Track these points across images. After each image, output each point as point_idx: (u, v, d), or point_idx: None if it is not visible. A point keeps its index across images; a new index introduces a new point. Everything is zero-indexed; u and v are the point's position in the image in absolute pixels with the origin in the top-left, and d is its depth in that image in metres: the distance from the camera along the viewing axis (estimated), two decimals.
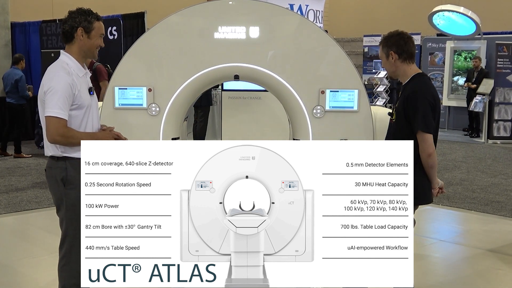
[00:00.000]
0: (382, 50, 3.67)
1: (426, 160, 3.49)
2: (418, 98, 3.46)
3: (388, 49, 3.62)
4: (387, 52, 3.63)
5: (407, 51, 3.59)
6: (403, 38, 3.62)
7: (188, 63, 4.57)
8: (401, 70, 3.62)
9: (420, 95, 3.47)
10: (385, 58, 3.66)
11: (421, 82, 3.57)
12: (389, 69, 3.69)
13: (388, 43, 3.63)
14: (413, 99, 3.47)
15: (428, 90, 3.53)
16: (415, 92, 3.49)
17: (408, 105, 3.49)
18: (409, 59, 3.60)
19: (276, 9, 4.66)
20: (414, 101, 3.47)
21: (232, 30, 4.56)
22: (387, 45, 3.64)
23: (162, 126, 4.58)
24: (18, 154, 10.38)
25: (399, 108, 3.58)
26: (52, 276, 3.80)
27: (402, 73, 3.63)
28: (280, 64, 4.57)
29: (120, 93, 4.57)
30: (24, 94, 10.24)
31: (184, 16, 4.61)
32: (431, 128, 3.46)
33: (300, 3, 10.43)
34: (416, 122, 3.45)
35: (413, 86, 3.54)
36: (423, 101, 3.46)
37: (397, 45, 3.59)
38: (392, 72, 3.68)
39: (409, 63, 3.61)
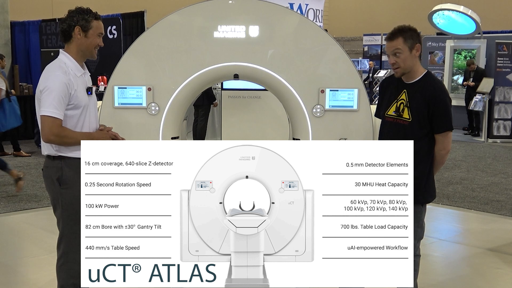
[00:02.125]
0: (405, 43, 3.40)
1: (444, 156, 3.51)
2: (446, 98, 3.42)
3: (415, 42, 3.42)
4: (413, 45, 3.41)
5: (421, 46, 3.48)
6: (419, 33, 3.50)
7: (187, 62, 4.57)
8: (416, 66, 3.47)
9: (446, 95, 3.43)
10: (408, 52, 3.41)
11: (440, 81, 3.54)
12: (409, 63, 3.43)
13: (413, 36, 3.42)
14: (442, 100, 3.39)
15: (446, 89, 3.52)
16: (441, 92, 3.42)
17: (436, 105, 3.38)
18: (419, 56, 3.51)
19: (275, 8, 4.66)
20: (443, 101, 3.40)
21: (231, 29, 4.56)
22: (412, 38, 3.42)
23: (161, 125, 4.58)
24: (18, 152, 10.40)
25: (418, 107, 3.42)
26: (51, 276, 3.80)
27: (415, 70, 3.47)
28: (279, 63, 4.57)
29: (120, 92, 4.57)
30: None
31: (183, 15, 4.60)
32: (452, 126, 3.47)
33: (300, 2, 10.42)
34: (446, 122, 3.41)
35: (436, 86, 3.43)
36: (448, 100, 3.44)
37: (419, 39, 3.45)
38: (409, 67, 3.44)
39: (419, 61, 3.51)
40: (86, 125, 3.40)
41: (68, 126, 3.30)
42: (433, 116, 3.41)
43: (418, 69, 3.48)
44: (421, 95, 3.42)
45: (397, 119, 3.53)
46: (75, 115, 3.33)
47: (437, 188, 8.16)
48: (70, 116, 3.30)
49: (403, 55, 3.41)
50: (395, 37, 3.42)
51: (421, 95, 3.42)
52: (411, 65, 3.44)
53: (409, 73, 3.47)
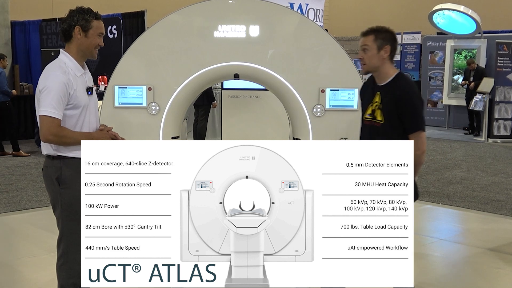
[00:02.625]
0: (375, 42, 3.47)
1: (420, 157, 3.48)
2: (414, 98, 3.43)
3: (384, 42, 3.47)
4: (382, 45, 3.47)
5: (396, 49, 3.53)
6: (394, 35, 3.55)
7: (188, 62, 4.57)
8: (385, 67, 3.51)
9: (415, 95, 3.45)
10: (376, 50, 3.47)
11: (410, 82, 3.55)
12: (374, 62, 3.49)
13: (384, 37, 3.48)
14: (409, 100, 3.42)
15: (417, 89, 3.53)
16: (409, 92, 3.44)
17: (405, 106, 3.41)
18: (393, 58, 3.55)
19: (276, 8, 4.66)
20: (411, 101, 3.42)
21: (232, 29, 4.56)
22: (383, 38, 3.47)
23: (162, 125, 4.59)
24: (17, 152, 10.41)
25: (389, 109, 3.47)
26: (51, 275, 3.80)
27: (385, 71, 3.51)
28: (280, 63, 4.57)
29: (120, 92, 4.57)
30: (4, 90, 10.19)
31: (184, 15, 4.61)
32: (424, 126, 3.49)
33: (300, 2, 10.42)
34: (416, 122, 3.43)
35: (404, 86, 3.46)
36: (418, 100, 3.45)
37: (392, 40, 3.50)
38: (373, 67, 3.51)
39: (392, 62, 3.55)
40: (86, 125, 3.39)
41: (68, 126, 3.30)
42: (403, 117, 3.43)
43: (389, 71, 3.51)
44: (391, 96, 3.46)
45: (372, 121, 3.57)
46: (75, 115, 3.33)
47: (437, 188, 8.19)
48: (69, 116, 3.30)
49: (370, 53, 3.47)
50: (367, 34, 3.51)
51: (391, 96, 3.46)
52: (377, 65, 3.49)
53: (380, 74, 3.52)
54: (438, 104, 15.88)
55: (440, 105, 15.79)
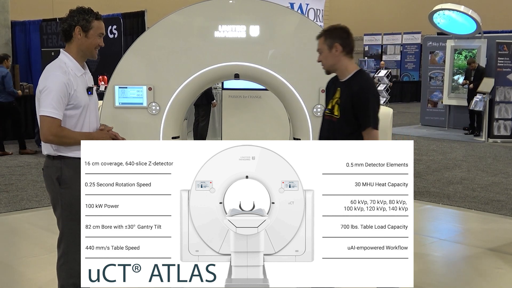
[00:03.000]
0: (325, 42, 3.58)
1: None
2: (369, 95, 3.45)
3: (333, 41, 3.55)
4: (331, 43, 3.55)
5: (349, 44, 3.57)
6: (347, 31, 3.60)
7: (188, 62, 4.57)
8: (343, 64, 3.57)
9: (370, 92, 3.47)
10: (328, 50, 3.57)
11: (368, 79, 3.57)
12: (329, 61, 3.58)
13: (332, 35, 3.57)
14: (364, 96, 3.45)
15: (375, 87, 3.55)
16: (364, 88, 3.47)
17: (359, 102, 3.45)
18: (351, 53, 3.58)
19: (276, 8, 4.66)
20: (365, 97, 3.45)
21: (232, 29, 4.56)
22: (331, 37, 3.57)
23: (162, 125, 4.58)
24: (24, 150, 10.58)
25: (345, 105, 3.51)
26: (52, 275, 3.80)
27: (343, 68, 3.57)
28: (280, 63, 4.57)
29: (120, 92, 4.57)
30: (10, 90, 10.27)
31: (184, 15, 4.61)
32: (378, 124, 3.47)
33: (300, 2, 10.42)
34: (367, 119, 3.43)
35: (360, 83, 3.51)
36: (373, 98, 3.46)
37: (341, 38, 3.56)
38: (331, 66, 3.60)
39: (351, 58, 3.59)
40: (86, 125, 3.39)
41: (68, 126, 3.30)
42: (357, 112, 3.46)
43: (348, 68, 3.57)
44: (348, 92, 3.51)
45: (330, 116, 3.63)
46: (75, 115, 3.33)
47: (438, 188, 8.19)
48: (69, 116, 3.30)
49: (324, 54, 3.58)
50: (319, 37, 3.62)
51: (348, 92, 3.51)
52: (331, 63, 3.58)
53: (339, 71, 3.59)
54: (438, 104, 15.89)
55: (440, 105, 15.79)
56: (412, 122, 16.81)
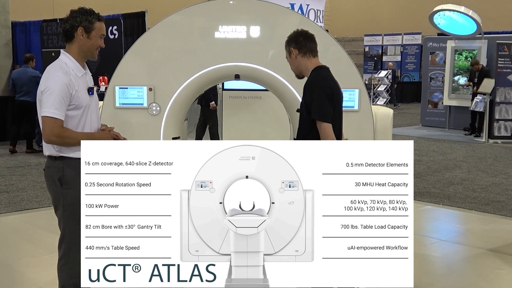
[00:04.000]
0: (285, 50, 3.72)
1: None
2: (313, 88, 3.51)
3: (288, 46, 3.68)
4: (288, 49, 3.68)
5: (306, 46, 3.63)
6: (302, 34, 3.67)
7: (188, 62, 4.57)
8: (302, 65, 3.66)
9: (315, 85, 3.52)
10: (288, 56, 3.70)
11: (319, 74, 3.61)
12: (292, 66, 3.72)
13: (287, 42, 3.69)
14: (309, 90, 3.53)
15: (324, 80, 3.57)
16: (310, 82, 3.55)
17: (306, 97, 3.55)
18: (309, 53, 3.64)
19: (276, 9, 4.66)
20: (310, 91, 3.52)
21: (232, 29, 4.56)
22: (287, 44, 3.69)
23: (162, 125, 4.58)
24: (30, 150, 10.76)
25: (301, 102, 3.65)
26: (52, 276, 3.81)
27: (304, 68, 3.67)
28: (280, 64, 4.57)
29: (121, 92, 4.57)
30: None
31: (184, 15, 4.61)
32: (328, 117, 3.48)
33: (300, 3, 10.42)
34: (313, 112, 3.49)
35: (309, 78, 3.60)
36: (319, 90, 3.49)
37: (296, 41, 3.65)
38: (296, 69, 3.71)
39: (309, 57, 3.65)
40: (88, 125, 3.40)
41: (70, 126, 3.30)
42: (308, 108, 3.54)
43: (308, 66, 3.66)
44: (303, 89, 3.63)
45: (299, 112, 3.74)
46: (77, 115, 3.33)
47: (438, 188, 8.19)
48: (71, 116, 3.30)
49: (288, 61, 3.73)
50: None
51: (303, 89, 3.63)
52: (295, 67, 3.71)
53: (305, 72, 3.70)
54: (438, 105, 15.88)
55: (440, 106, 15.79)
56: (413, 123, 16.82)
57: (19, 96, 10.71)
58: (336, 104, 3.56)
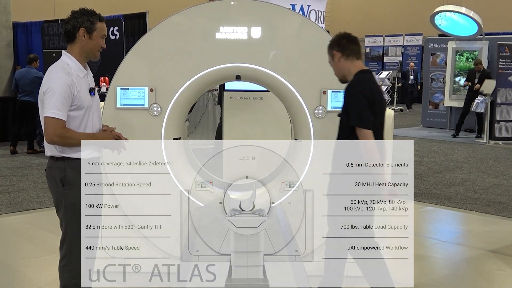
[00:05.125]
0: (328, 54, 3.68)
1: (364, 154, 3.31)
2: (354, 93, 3.46)
3: (330, 50, 3.65)
4: (331, 53, 3.64)
5: (349, 48, 3.59)
6: (345, 37, 3.64)
7: (189, 63, 4.57)
8: (345, 68, 3.61)
9: (356, 90, 3.46)
10: (331, 60, 3.67)
11: (361, 78, 3.55)
12: (336, 69, 3.68)
13: (330, 45, 3.66)
14: (350, 95, 3.48)
15: (365, 85, 3.50)
16: (351, 87, 3.50)
17: (346, 101, 3.50)
18: (352, 56, 3.59)
19: (277, 9, 4.66)
20: (350, 96, 3.47)
21: (233, 30, 4.56)
22: (330, 47, 3.66)
23: (163, 126, 4.58)
24: (31, 150, 10.75)
25: (342, 107, 3.59)
26: (53, 276, 3.81)
27: (347, 72, 3.62)
28: (281, 65, 4.57)
29: (122, 93, 4.58)
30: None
31: (185, 16, 4.61)
32: (367, 123, 3.38)
33: (301, 4, 10.42)
34: (352, 118, 3.42)
35: (351, 82, 3.55)
36: (359, 95, 3.43)
37: (339, 44, 3.61)
38: (339, 72, 3.67)
39: (353, 60, 3.60)
40: (90, 126, 3.40)
41: (72, 127, 3.30)
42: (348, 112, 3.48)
43: (351, 70, 3.61)
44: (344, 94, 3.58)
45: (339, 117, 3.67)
46: (79, 116, 3.33)
47: (439, 189, 8.18)
48: (73, 117, 3.31)
49: (332, 65, 3.69)
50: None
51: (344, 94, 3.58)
52: (338, 71, 3.67)
53: (348, 76, 3.64)
54: (439, 106, 15.87)
55: (441, 107, 15.78)
56: (414, 124, 16.81)
57: (21, 96, 10.73)
58: (378, 110, 3.46)
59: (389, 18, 25.92)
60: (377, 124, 3.46)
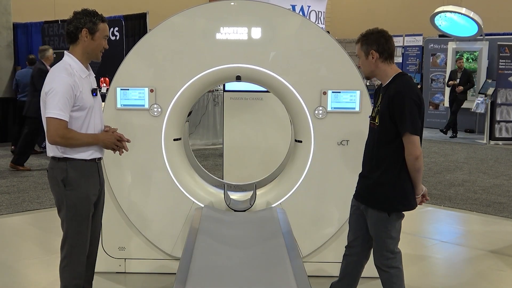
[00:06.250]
0: (361, 48, 3.48)
1: (413, 163, 3.36)
2: (404, 99, 3.29)
3: (368, 47, 3.44)
4: (367, 50, 3.45)
5: (388, 49, 3.43)
6: (384, 36, 3.46)
7: (190, 63, 4.57)
8: (381, 70, 3.45)
9: (406, 95, 3.31)
10: (364, 57, 3.47)
11: (405, 82, 3.41)
12: (367, 68, 3.49)
13: (368, 41, 3.45)
14: (399, 100, 3.30)
15: (413, 90, 3.37)
16: (400, 92, 3.32)
17: (394, 106, 3.32)
18: (389, 58, 3.45)
19: (278, 10, 4.67)
20: (400, 102, 3.30)
21: (234, 31, 4.56)
22: (367, 43, 3.45)
23: (164, 126, 4.59)
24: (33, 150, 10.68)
25: (383, 110, 3.40)
26: (54, 277, 3.81)
27: (383, 74, 3.46)
28: (281, 65, 4.57)
29: (122, 94, 4.58)
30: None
31: (186, 16, 4.61)
32: (418, 129, 3.31)
33: (302, 4, 10.42)
34: (403, 124, 3.29)
35: (397, 86, 3.37)
36: (409, 101, 3.29)
37: (378, 43, 3.43)
38: (370, 72, 3.50)
39: (390, 63, 3.45)
40: (92, 127, 3.40)
41: (74, 127, 3.31)
42: (393, 117, 3.33)
43: (388, 72, 3.45)
44: (386, 97, 3.40)
45: (373, 124, 3.53)
46: (81, 116, 3.34)
47: (439, 190, 8.20)
48: (75, 117, 3.31)
49: (361, 60, 3.50)
50: (357, 42, 3.52)
51: (386, 97, 3.39)
52: (369, 70, 3.49)
53: (379, 76, 3.49)
54: (439, 106, 15.87)
55: (441, 107, 15.78)
56: None
57: (21, 97, 10.71)
58: (421, 114, 3.37)
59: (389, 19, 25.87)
60: (421, 130, 3.38)
